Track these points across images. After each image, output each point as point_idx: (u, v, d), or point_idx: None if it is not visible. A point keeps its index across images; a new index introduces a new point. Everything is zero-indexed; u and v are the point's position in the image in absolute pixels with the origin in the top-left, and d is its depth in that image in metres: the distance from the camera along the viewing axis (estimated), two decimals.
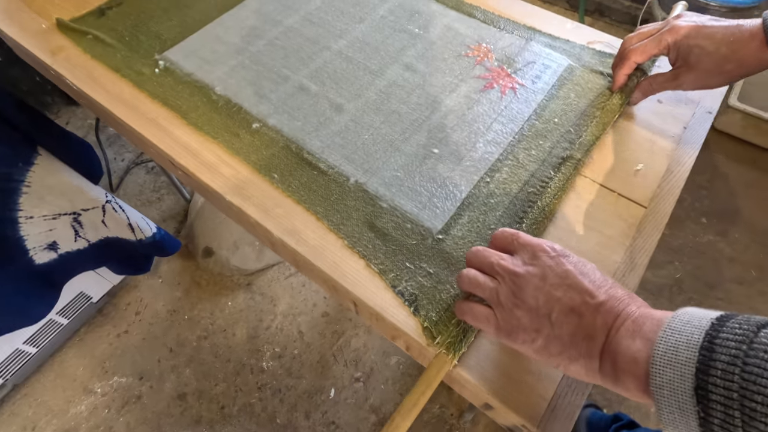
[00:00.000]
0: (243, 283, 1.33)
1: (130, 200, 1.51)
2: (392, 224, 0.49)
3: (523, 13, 0.71)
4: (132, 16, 0.68)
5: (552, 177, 0.51)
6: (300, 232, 0.49)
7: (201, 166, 0.54)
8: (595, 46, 0.65)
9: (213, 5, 0.69)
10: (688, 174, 0.54)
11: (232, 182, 0.53)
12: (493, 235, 0.42)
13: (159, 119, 0.57)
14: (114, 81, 0.61)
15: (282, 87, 0.60)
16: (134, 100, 0.59)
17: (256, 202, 0.51)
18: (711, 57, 0.49)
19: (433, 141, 0.55)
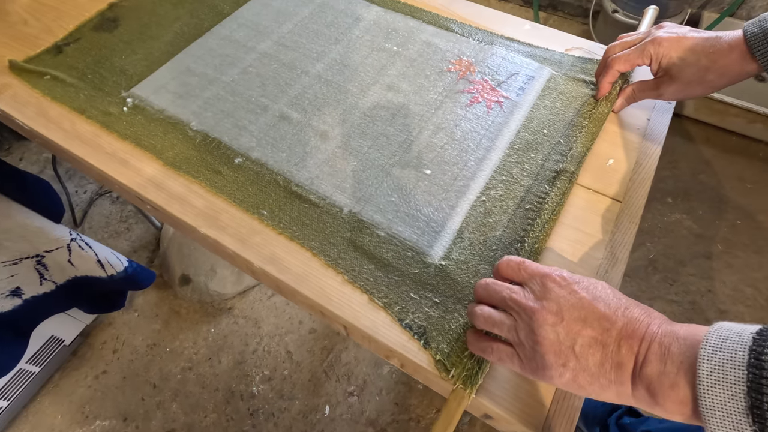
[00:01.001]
0: (224, 308, 1.29)
1: (96, 233, 1.45)
2: (392, 254, 0.47)
3: (488, 17, 0.71)
4: (92, 52, 0.64)
5: (548, 192, 0.51)
6: (281, 259, 0.47)
7: (170, 199, 0.51)
8: (573, 53, 0.65)
9: (179, 35, 0.66)
10: (656, 164, 0.55)
11: (205, 213, 0.50)
12: (498, 266, 0.41)
13: (130, 159, 0.54)
14: (79, 123, 0.57)
15: (262, 117, 0.57)
16: (96, 138, 0.56)
17: (232, 232, 0.49)
18: (692, 68, 0.50)
19: (424, 162, 0.54)
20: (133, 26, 0.67)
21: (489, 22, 0.70)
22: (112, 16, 0.68)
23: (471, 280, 0.46)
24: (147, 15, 0.68)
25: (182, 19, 0.68)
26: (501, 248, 0.48)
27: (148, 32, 0.66)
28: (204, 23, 0.67)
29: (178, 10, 0.69)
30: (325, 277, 0.46)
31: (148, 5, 0.70)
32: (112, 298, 1.10)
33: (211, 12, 0.69)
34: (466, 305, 0.44)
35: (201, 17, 0.68)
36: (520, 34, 0.68)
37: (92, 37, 0.66)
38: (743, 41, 0.48)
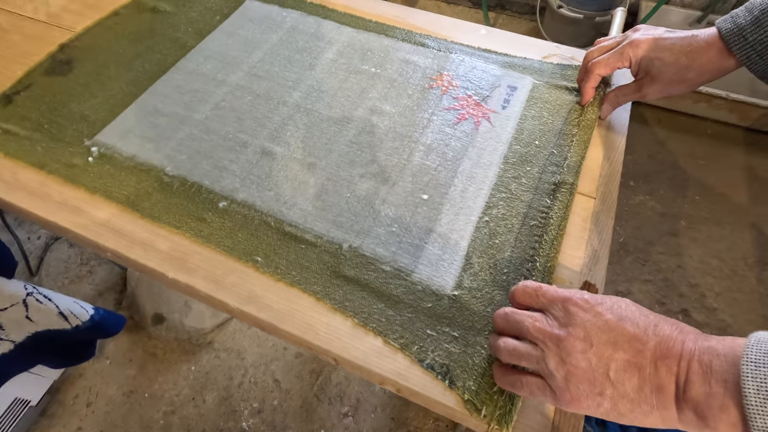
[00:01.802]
0: (204, 343, 1.23)
1: (55, 281, 1.36)
2: (402, 289, 0.45)
3: (444, 25, 0.70)
4: (46, 99, 0.59)
5: (550, 206, 0.50)
6: (260, 297, 0.45)
7: (132, 245, 0.47)
8: (551, 60, 0.65)
9: (141, 73, 0.61)
10: (623, 157, 0.56)
11: (172, 256, 0.47)
12: (514, 292, 0.39)
13: (83, 206, 0.49)
14: (40, 180, 0.52)
15: (243, 155, 0.54)
16: (42, 186, 0.51)
17: (205, 274, 0.46)
18: (671, 68, 0.51)
19: (419, 186, 0.52)
20: (89, 67, 0.62)
21: (446, 31, 0.69)
22: (65, 58, 0.63)
23: (487, 308, 0.44)
24: (103, 54, 0.64)
25: (143, 56, 0.63)
26: (512, 270, 0.46)
27: (106, 72, 0.61)
28: (167, 58, 0.63)
29: (136, 47, 0.64)
30: (311, 311, 0.44)
31: (102, 43, 0.65)
32: (80, 348, 1.03)
33: (174, 46, 0.65)
34: (486, 336, 0.42)
35: (163, 52, 0.64)
36: (477, 39, 0.68)
37: (44, 82, 0.60)
38: (719, 38, 0.49)
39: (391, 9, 0.72)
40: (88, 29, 0.66)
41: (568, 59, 0.65)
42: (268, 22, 0.68)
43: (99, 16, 0.69)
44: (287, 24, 0.68)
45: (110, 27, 0.67)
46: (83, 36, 0.66)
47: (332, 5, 0.71)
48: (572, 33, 1.77)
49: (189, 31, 0.67)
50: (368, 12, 0.71)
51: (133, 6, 0.70)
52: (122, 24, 0.67)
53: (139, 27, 0.67)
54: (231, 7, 0.70)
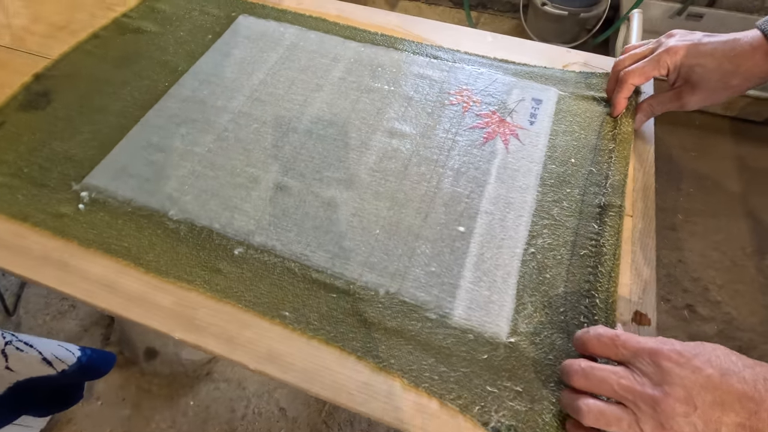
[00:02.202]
0: (201, 375, 1.16)
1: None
2: (452, 340, 0.40)
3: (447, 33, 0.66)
4: (24, 138, 0.52)
5: (598, 232, 0.46)
6: (282, 355, 0.39)
7: (128, 303, 0.42)
8: (572, 68, 0.61)
9: (130, 102, 0.55)
10: (654, 168, 0.52)
11: (176, 312, 0.41)
12: (585, 342, 0.35)
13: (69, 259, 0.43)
14: (22, 233, 0.45)
15: (254, 192, 0.48)
16: (18, 238, 0.45)
17: (216, 331, 0.40)
18: (714, 74, 0.48)
19: (453, 217, 0.47)
20: (70, 98, 0.55)
21: (453, 40, 0.65)
22: (41, 90, 0.56)
23: (549, 356, 0.39)
24: (85, 83, 0.57)
25: (130, 83, 0.57)
26: (569, 309, 0.41)
27: (90, 104, 0.55)
28: (158, 85, 0.57)
29: (122, 72, 0.58)
30: (344, 369, 0.39)
31: (83, 70, 0.58)
32: (67, 392, 0.95)
33: (164, 70, 0.58)
34: (553, 389, 0.38)
35: (153, 78, 0.57)
36: (485, 47, 0.64)
37: (20, 118, 0.53)
38: (765, 40, 0.46)
39: (389, 18, 0.67)
40: (65, 55, 0.60)
41: (588, 67, 0.61)
42: (265, 39, 0.62)
43: (71, 38, 0.62)
44: (286, 41, 0.62)
45: (90, 52, 0.60)
46: (60, 63, 0.59)
47: (332, 18, 0.66)
48: (557, 30, 1.76)
49: (179, 52, 0.60)
50: (362, 22, 0.66)
51: (113, 27, 0.63)
52: (104, 48, 0.61)
53: (124, 50, 0.61)
54: (223, 25, 0.64)
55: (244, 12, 0.66)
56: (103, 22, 0.64)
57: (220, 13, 0.66)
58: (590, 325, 0.40)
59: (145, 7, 0.66)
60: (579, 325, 0.40)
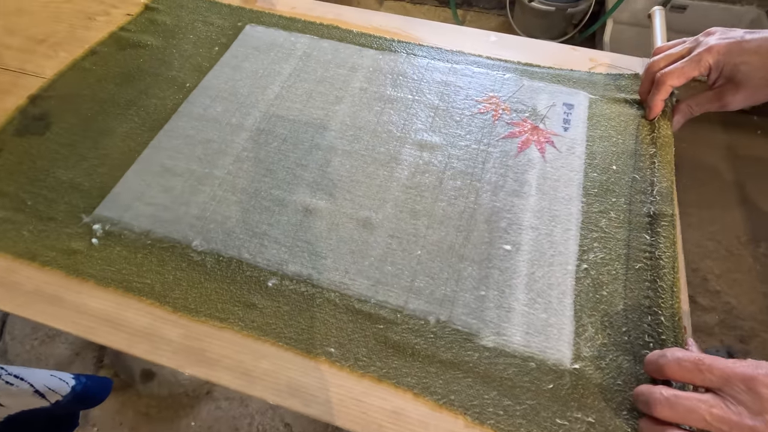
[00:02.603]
0: (201, 394, 1.12)
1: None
2: (513, 369, 0.37)
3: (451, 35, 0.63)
4: (23, 167, 0.47)
5: (652, 243, 0.43)
6: (304, 387, 0.36)
7: (133, 338, 0.38)
8: (597, 69, 0.59)
9: (138, 124, 0.51)
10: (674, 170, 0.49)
11: (186, 346, 0.38)
12: (665, 367, 0.33)
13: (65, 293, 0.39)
14: (31, 275, 0.41)
15: (283, 216, 0.45)
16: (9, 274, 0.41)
17: (231, 364, 0.37)
18: (760, 72, 0.46)
19: (497, 234, 0.44)
20: (72, 121, 0.51)
21: (451, 41, 0.62)
22: (39, 113, 0.51)
23: (617, 381, 0.36)
24: (86, 104, 0.53)
25: (136, 102, 0.53)
26: (632, 328, 0.39)
27: (93, 126, 0.51)
28: (166, 103, 0.53)
29: (126, 91, 0.54)
30: (400, 407, 0.36)
31: (83, 90, 0.54)
32: (61, 422, 0.90)
33: (171, 87, 0.54)
34: (626, 418, 0.35)
35: (160, 96, 0.53)
36: (486, 47, 0.62)
37: (17, 145, 0.49)
38: None
39: (388, 20, 0.65)
40: (61, 74, 0.55)
41: (614, 68, 0.59)
42: (276, 50, 0.59)
43: (52, 52, 0.57)
44: (299, 51, 0.59)
45: (89, 69, 0.56)
46: (57, 83, 0.54)
47: (328, 22, 0.63)
48: (544, 26, 1.76)
49: (186, 67, 0.57)
50: (359, 24, 0.64)
51: (111, 42, 0.59)
52: (103, 65, 0.57)
53: (125, 67, 0.56)
54: (229, 36, 0.60)
55: (251, 21, 0.62)
56: (89, 34, 0.60)
57: (225, 23, 0.62)
58: (656, 344, 0.38)
59: (144, 20, 0.62)
60: (644, 346, 0.38)
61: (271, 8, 0.65)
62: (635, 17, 1.70)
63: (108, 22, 0.63)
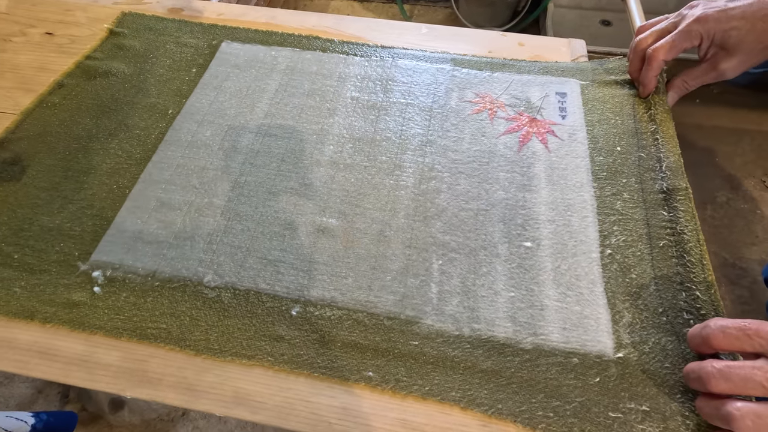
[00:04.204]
0: (177, 417, 1.08)
1: None
2: (556, 368, 0.36)
3: (383, 30, 0.63)
4: (3, 217, 0.44)
5: (671, 219, 0.43)
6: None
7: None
8: (525, 52, 0.60)
9: (122, 157, 0.48)
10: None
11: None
12: (710, 337, 0.32)
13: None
14: (30, 332, 0.37)
15: (295, 239, 0.43)
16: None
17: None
18: (750, 35, 0.47)
19: (516, 232, 0.43)
20: (49, 162, 0.47)
21: (383, 36, 0.62)
22: (10, 157, 0.48)
23: (665, 364, 0.36)
24: (62, 141, 0.49)
25: (117, 135, 0.49)
26: (668, 308, 0.39)
27: (75, 165, 0.47)
28: (149, 132, 0.50)
29: (104, 124, 0.50)
30: (448, 423, 0.34)
31: (55, 128, 0.50)
32: None
33: (152, 115, 0.51)
34: (682, 401, 0.35)
35: (141, 126, 0.50)
36: (419, 39, 0.62)
37: None
38: None
39: (322, 20, 0.64)
40: (28, 112, 0.51)
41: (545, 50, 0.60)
42: (257, 66, 0.56)
43: (14, 88, 0.53)
44: (281, 65, 0.57)
45: (58, 104, 0.52)
46: (25, 123, 0.50)
47: (263, 26, 0.62)
48: (489, 14, 1.80)
49: (164, 93, 0.54)
50: (296, 27, 0.63)
51: (78, 73, 0.55)
52: (73, 98, 0.53)
53: (98, 98, 0.53)
54: (206, 56, 0.58)
55: (225, 38, 0.59)
56: (62, 67, 0.56)
57: (198, 42, 0.59)
58: (696, 320, 0.37)
59: (111, 46, 0.58)
60: (684, 324, 0.38)
61: (198, 16, 0.64)
62: (575, 0, 1.75)
63: (26, 42, 0.60)
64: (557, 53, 0.60)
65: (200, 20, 0.62)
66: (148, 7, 0.65)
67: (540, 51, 0.61)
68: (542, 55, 0.60)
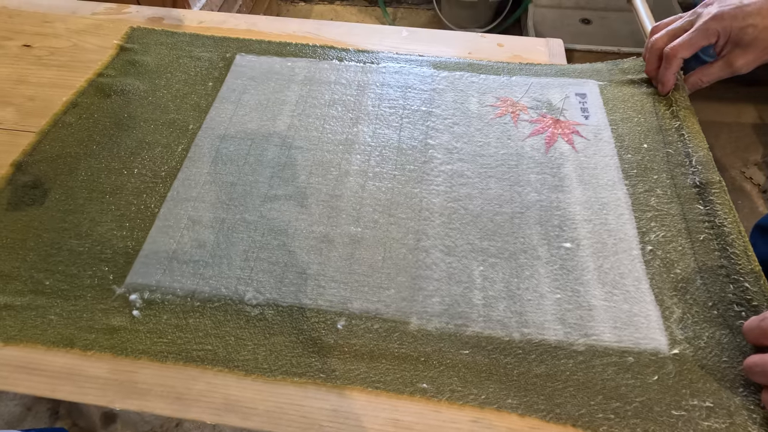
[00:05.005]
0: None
1: None
2: (612, 369, 0.36)
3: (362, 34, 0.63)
4: (29, 243, 0.42)
5: (708, 212, 0.43)
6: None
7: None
8: (506, 53, 0.60)
9: (147, 176, 0.47)
10: None
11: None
12: (763, 328, 0.33)
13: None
14: (69, 362, 0.36)
15: (332, 251, 0.42)
16: None
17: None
18: (766, 32, 0.47)
19: (553, 233, 0.43)
20: (71, 184, 0.46)
21: (363, 40, 0.63)
22: (30, 181, 0.46)
23: (722, 357, 0.36)
24: (82, 162, 0.48)
25: (138, 153, 0.48)
26: (718, 301, 0.39)
27: (98, 187, 0.46)
28: (172, 150, 0.49)
29: (124, 142, 0.49)
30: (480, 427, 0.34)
31: (74, 148, 0.49)
32: None
33: (173, 131, 0.50)
34: (745, 395, 0.35)
35: (162, 143, 0.49)
36: (400, 42, 0.63)
37: (15, 220, 0.44)
38: None
39: (302, 26, 0.64)
40: (44, 133, 0.50)
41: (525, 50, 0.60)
42: (275, 78, 0.56)
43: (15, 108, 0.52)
44: (299, 76, 0.56)
45: (75, 124, 0.51)
46: (42, 145, 0.49)
47: (243, 34, 0.62)
48: (471, 16, 1.83)
49: (183, 108, 0.53)
50: (275, 33, 0.63)
51: (92, 91, 0.54)
52: (90, 117, 0.52)
53: (115, 116, 0.52)
54: (220, 69, 0.57)
55: (239, 51, 0.59)
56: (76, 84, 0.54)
57: (212, 56, 0.58)
58: (749, 312, 0.38)
59: (123, 62, 0.57)
60: (737, 316, 0.38)
61: (178, 25, 0.64)
62: (554, 0, 1.78)
63: (3, 55, 0.59)
64: (536, 53, 0.61)
65: (196, 31, 0.62)
66: (128, 17, 0.65)
67: (519, 51, 0.61)
68: (521, 56, 0.61)
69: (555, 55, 0.61)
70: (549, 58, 0.60)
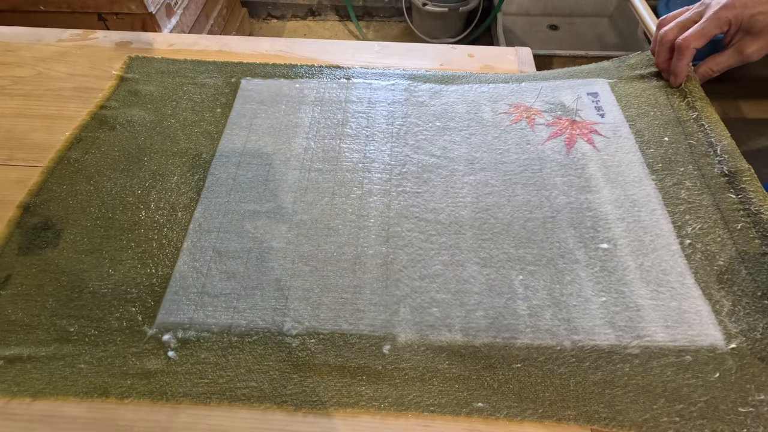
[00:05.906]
0: None
1: None
2: (670, 369, 0.35)
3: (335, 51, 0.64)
4: (47, 288, 0.40)
5: (741, 200, 0.43)
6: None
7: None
8: (476, 63, 0.61)
9: (164, 210, 0.45)
10: None
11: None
12: None
13: None
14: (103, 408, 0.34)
15: (366, 273, 0.41)
16: None
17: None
18: None
19: (588, 235, 0.42)
20: (85, 223, 0.44)
21: (337, 57, 0.62)
22: (41, 222, 0.44)
23: None
24: (94, 199, 0.46)
25: (154, 186, 0.47)
26: (766, 290, 0.38)
27: (114, 223, 0.44)
28: (187, 180, 0.47)
29: (136, 174, 0.48)
30: None
31: (84, 184, 0.47)
32: None
33: (185, 162, 0.49)
34: None
35: (177, 173, 0.48)
36: (373, 57, 0.62)
37: (29, 265, 0.41)
38: None
39: (274, 45, 0.64)
40: (49, 171, 0.48)
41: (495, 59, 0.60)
42: (285, 101, 0.55)
43: None
44: (308, 97, 0.55)
45: (81, 160, 0.49)
46: (49, 183, 0.47)
47: (212, 56, 0.61)
48: (442, 26, 1.86)
49: (193, 136, 0.51)
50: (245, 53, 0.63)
51: (96, 125, 0.52)
52: (96, 151, 0.50)
53: (123, 149, 0.50)
54: (227, 95, 0.56)
55: (243, 75, 0.58)
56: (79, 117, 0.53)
57: (216, 81, 0.57)
58: None
59: (125, 93, 0.56)
60: None
61: (148, 48, 0.63)
62: (522, 8, 1.84)
63: None
64: (506, 61, 0.61)
65: (183, 56, 0.61)
66: (95, 43, 0.63)
67: (489, 61, 0.62)
68: (492, 65, 0.61)
69: (524, 63, 0.61)
70: (519, 67, 0.60)
